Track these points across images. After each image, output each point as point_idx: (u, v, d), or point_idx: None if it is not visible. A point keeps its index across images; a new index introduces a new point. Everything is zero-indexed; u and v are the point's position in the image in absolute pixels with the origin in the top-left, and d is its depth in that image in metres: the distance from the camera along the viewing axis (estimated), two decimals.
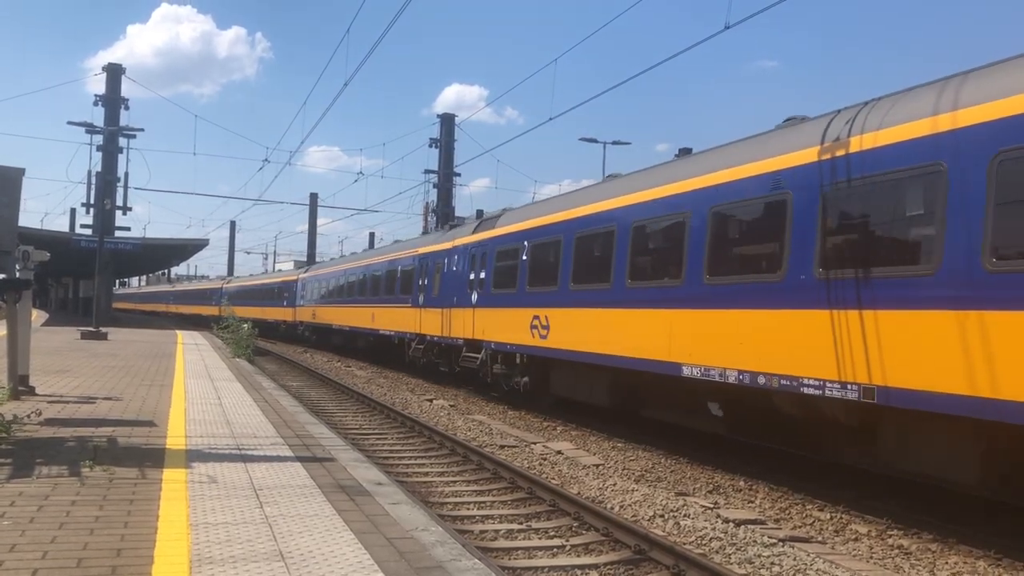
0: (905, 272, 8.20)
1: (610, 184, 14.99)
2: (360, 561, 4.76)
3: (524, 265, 16.91)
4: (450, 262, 21.95)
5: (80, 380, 14.06)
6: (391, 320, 27.38)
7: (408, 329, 25.32)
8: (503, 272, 18.12)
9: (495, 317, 18.23)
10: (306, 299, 42.65)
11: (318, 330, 40.21)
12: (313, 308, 40.76)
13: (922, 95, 8.45)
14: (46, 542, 4.86)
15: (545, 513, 8.96)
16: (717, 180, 11.05)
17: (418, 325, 24.32)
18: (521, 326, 16.57)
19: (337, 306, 36.04)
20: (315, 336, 41.16)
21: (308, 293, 42.36)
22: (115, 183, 39.85)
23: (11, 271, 10.65)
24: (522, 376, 17.24)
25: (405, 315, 25.68)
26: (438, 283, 22.76)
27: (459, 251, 21.39)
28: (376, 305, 29.58)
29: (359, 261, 34.28)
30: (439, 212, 47.40)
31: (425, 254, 24.71)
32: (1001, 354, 7.08)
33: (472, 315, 19.57)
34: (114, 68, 41.53)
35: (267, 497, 6.23)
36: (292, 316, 45.40)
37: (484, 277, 19.05)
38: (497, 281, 18.36)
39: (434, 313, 22.85)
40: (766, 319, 9.89)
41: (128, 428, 9.11)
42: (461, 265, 20.92)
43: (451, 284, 21.46)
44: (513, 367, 17.72)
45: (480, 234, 20.02)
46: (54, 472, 6.73)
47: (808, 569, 7.14)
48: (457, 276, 21.06)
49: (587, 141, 41.46)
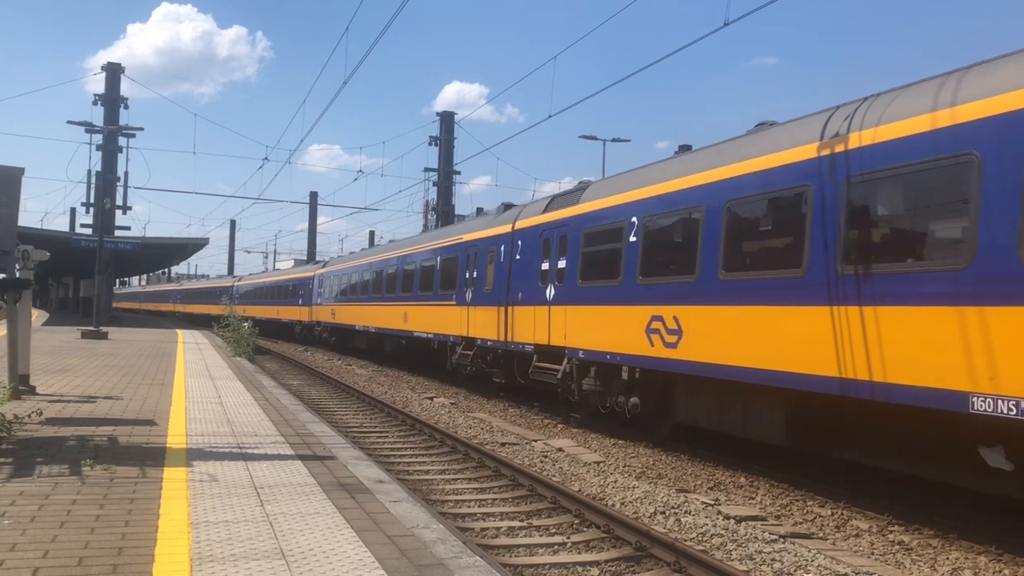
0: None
1: (795, 126, 10.29)
2: (361, 559, 4.76)
3: (633, 249, 12.95)
4: (509, 249, 18.13)
5: (80, 379, 14.06)
6: (428, 321, 23.60)
7: (451, 331, 21.57)
8: (597, 259, 14.35)
9: (584, 317, 14.34)
10: (324, 297, 39.08)
11: (338, 332, 36.81)
12: (332, 307, 37.17)
13: None
14: (47, 541, 4.86)
15: (546, 510, 8.97)
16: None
17: (465, 327, 20.57)
18: (629, 329, 12.75)
19: (361, 304, 32.15)
20: (335, 338, 37.76)
21: (327, 290, 38.62)
22: (115, 182, 39.92)
23: (11, 271, 10.65)
24: (628, 396, 13.33)
25: (447, 315, 21.95)
26: (492, 276, 19.06)
27: (524, 235, 17.49)
28: (409, 303, 25.72)
29: (387, 253, 30.24)
30: (439, 210, 47.44)
31: (473, 241, 20.72)
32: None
33: (547, 315, 15.80)
34: (113, 67, 41.57)
35: (268, 495, 6.23)
36: (308, 316, 41.92)
37: (565, 266, 15.19)
38: (587, 271, 14.52)
39: (487, 312, 19.03)
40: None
41: (129, 427, 9.11)
42: (527, 252, 17.12)
43: (513, 276, 17.73)
44: (612, 383, 13.84)
45: (556, 212, 16.18)
46: (55, 471, 6.73)
47: (809, 565, 7.15)
48: (522, 266, 17.28)
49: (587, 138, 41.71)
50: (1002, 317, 7.20)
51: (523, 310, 17.03)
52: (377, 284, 29.99)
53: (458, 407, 18.08)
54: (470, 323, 20.18)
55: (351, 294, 34.09)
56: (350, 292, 34.31)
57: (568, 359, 14.91)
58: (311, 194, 70.45)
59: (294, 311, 44.84)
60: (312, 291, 41.30)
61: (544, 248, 16.36)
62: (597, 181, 15.83)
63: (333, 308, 36.81)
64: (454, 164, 47.93)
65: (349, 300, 34.29)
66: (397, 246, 30.15)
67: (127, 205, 40.28)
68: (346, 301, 34.74)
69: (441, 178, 47.58)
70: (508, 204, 20.71)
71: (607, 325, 13.54)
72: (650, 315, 12.24)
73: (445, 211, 47.01)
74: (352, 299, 33.80)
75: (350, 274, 34.69)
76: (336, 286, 36.82)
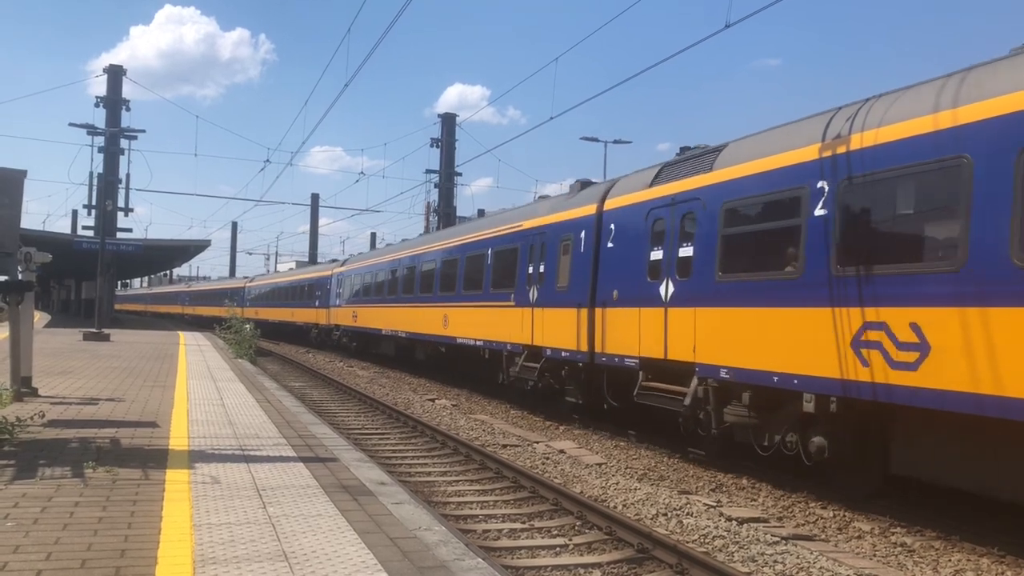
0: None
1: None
2: (363, 561, 4.76)
3: (821, 225, 9.36)
4: (594, 236, 14.54)
5: (83, 382, 14.07)
6: (476, 325, 19.91)
7: (508, 338, 17.85)
8: (750, 243, 10.88)
9: (729, 323, 10.69)
10: (344, 298, 35.71)
11: (360, 336, 33.50)
12: (354, 309, 33.73)
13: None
14: (50, 543, 4.87)
15: (548, 512, 8.97)
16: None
17: (527, 332, 16.92)
18: (821, 342, 9.20)
19: (389, 306, 28.55)
20: (356, 343, 34.35)
21: (347, 291, 35.35)
22: (116, 184, 39.99)
23: (13, 273, 10.67)
24: (805, 435, 9.77)
25: (503, 318, 18.25)
26: (567, 270, 15.52)
27: (619, 217, 13.83)
28: (450, 304, 22.12)
29: (420, 247, 26.47)
30: (440, 212, 47.49)
31: (538, 228, 17.07)
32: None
33: (662, 319, 12.06)
34: (115, 70, 41.68)
35: (270, 497, 6.24)
36: (326, 318, 38.48)
37: (693, 255, 11.54)
38: (732, 260, 10.94)
39: (560, 315, 15.51)
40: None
41: (131, 429, 9.12)
42: (625, 239, 13.54)
43: (603, 270, 14.17)
44: (776, 415, 10.22)
45: (672, 184, 12.38)
46: (57, 473, 6.74)
47: (811, 567, 7.14)
48: (617, 257, 13.73)
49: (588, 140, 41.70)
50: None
51: (620, 313, 13.42)
52: (409, 282, 26.55)
53: (460, 409, 18.08)
54: (536, 328, 16.64)
55: (376, 294, 30.79)
56: (375, 292, 31.00)
57: (700, 379, 11.21)
58: (312, 196, 70.43)
59: (310, 313, 41.85)
60: (330, 291, 38.15)
61: (654, 232, 12.72)
62: (736, 140, 11.75)
63: (354, 310, 33.63)
64: (455, 166, 47.97)
65: (374, 301, 30.91)
66: (434, 237, 26.73)
67: (129, 207, 40.35)
68: (370, 302, 31.55)
69: (442, 180, 47.61)
70: (586, 181, 17.08)
71: (773, 335, 9.91)
72: (862, 321, 8.75)
73: (446, 213, 47.04)
74: (377, 300, 30.42)
75: (375, 272, 31.21)
76: (358, 285, 33.74)
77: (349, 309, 34.52)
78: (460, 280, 21.68)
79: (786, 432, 10.07)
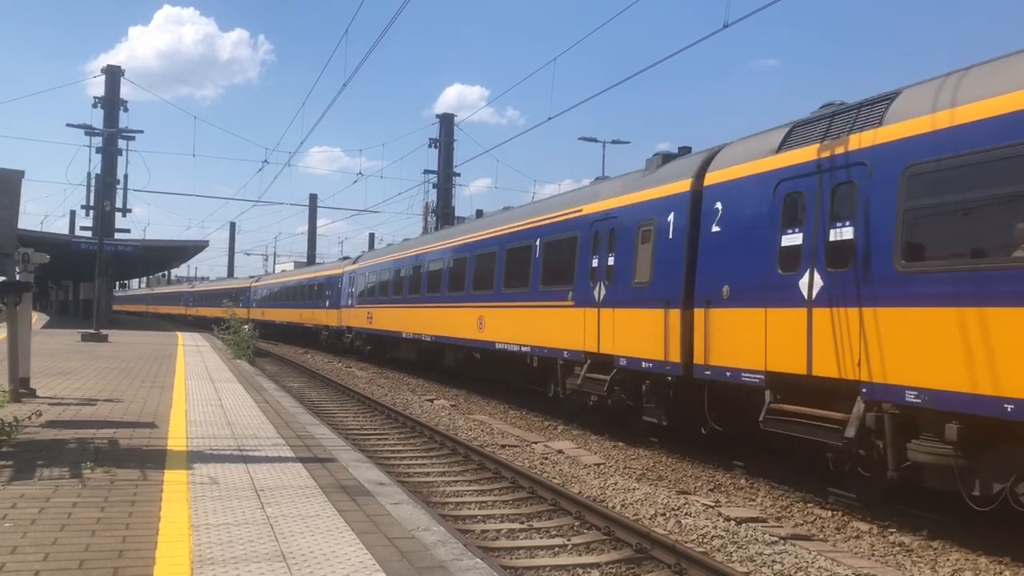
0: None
1: None
2: (362, 561, 4.76)
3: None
4: (688, 220, 11.88)
5: (81, 382, 14.06)
6: (521, 328, 17.31)
7: (565, 344, 15.29)
8: (956, 219, 7.98)
9: (918, 327, 8.02)
10: (357, 298, 33.25)
11: (376, 340, 30.82)
12: (369, 309, 31.24)
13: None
14: (48, 544, 4.86)
15: (546, 512, 8.97)
16: None
17: (591, 338, 14.29)
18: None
19: (409, 306, 26.09)
20: (371, 347, 31.70)
21: (360, 289, 32.92)
22: (114, 185, 39.96)
23: (11, 274, 10.66)
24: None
25: (557, 320, 15.70)
26: (647, 262, 12.85)
27: (729, 194, 11.13)
28: (487, 304, 19.49)
29: (449, 240, 23.71)
30: (439, 212, 47.49)
31: (605, 213, 14.44)
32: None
33: (803, 322, 9.43)
34: (113, 70, 41.66)
35: (268, 498, 6.23)
36: (337, 320, 36.20)
37: (854, 238, 8.92)
38: (922, 244, 8.45)
39: (640, 317, 12.81)
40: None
41: (129, 430, 9.11)
42: (739, 221, 10.80)
43: (704, 262, 11.42)
44: (989, 455, 7.70)
45: (809, 148, 9.76)
46: (55, 474, 6.73)
47: (810, 567, 7.15)
48: (726, 245, 10.98)
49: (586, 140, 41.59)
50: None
51: (732, 315, 10.75)
52: (434, 280, 23.99)
53: (458, 409, 18.08)
54: (602, 332, 14.02)
55: (396, 293, 28.03)
56: (394, 291, 28.26)
57: (869, 403, 8.56)
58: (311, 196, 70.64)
59: (320, 314, 39.19)
60: (342, 291, 35.59)
61: (787, 210, 10.10)
62: (914, 85, 8.89)
63: (369, 311, 30.96)
64: (454, 166, 47.97)
65: (393, 301, 28.25)
66: (462, 231, 23.81)
67: (127, 208, 40.40)
68: (388, 302, 28.88)
69: (441, 180, 47.62)
70: (669, 154, 14.17)
71: (1007, 344, 7.14)
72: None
73: (445, 213, 47.04)
74: (397, 300, 27.67)
75: (393, 269, 28.54)
76: (374, 284, 31.08)
77: (363, 310, 31.92)
78: (499, 276, 19.00)
79: (1016, 480, 7.46)
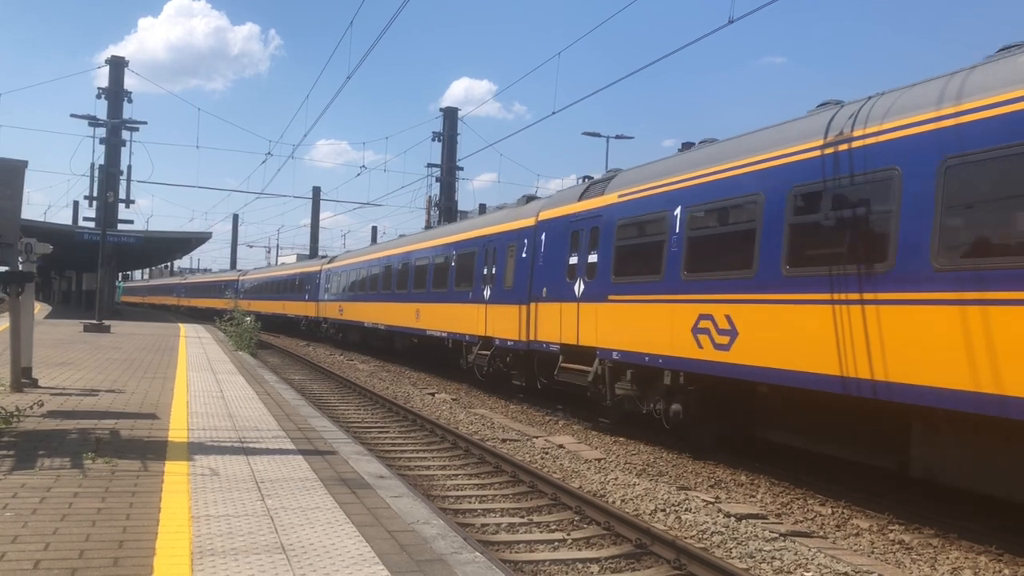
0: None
1: None
2: (361, 553, 4.77)
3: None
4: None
5: (83, 373, 14.08)
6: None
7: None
8: None
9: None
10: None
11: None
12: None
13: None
14: (48, 534, 4.87)
15: (546, 507, 8.97)
16: None
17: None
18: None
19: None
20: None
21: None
22: (118, 176, 39.93)
23: (14, 264, 10.67)
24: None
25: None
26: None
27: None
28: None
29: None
30: (442, 206, 47.45)
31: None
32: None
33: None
34: (117, 61, 41.66)
35: (269, 490, 6.24)
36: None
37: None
38: None
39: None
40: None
41: (130, 421, 9.13)
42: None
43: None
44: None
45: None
46: (56, 464, 6.75)
47: (809, 563, 7.15)
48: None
49: (590, 135, 41.38)
50: None
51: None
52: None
53: (459, 403, 18.09)
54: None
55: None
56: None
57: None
58: (314, 189, 70.47)
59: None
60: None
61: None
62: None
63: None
64: (457, 160, 47.91)
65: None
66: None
67: (130, 199, 40.32)
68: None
69: (444, 174, 47.57)
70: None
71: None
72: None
73: (447, 207, 47.01)
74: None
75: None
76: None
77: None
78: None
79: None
